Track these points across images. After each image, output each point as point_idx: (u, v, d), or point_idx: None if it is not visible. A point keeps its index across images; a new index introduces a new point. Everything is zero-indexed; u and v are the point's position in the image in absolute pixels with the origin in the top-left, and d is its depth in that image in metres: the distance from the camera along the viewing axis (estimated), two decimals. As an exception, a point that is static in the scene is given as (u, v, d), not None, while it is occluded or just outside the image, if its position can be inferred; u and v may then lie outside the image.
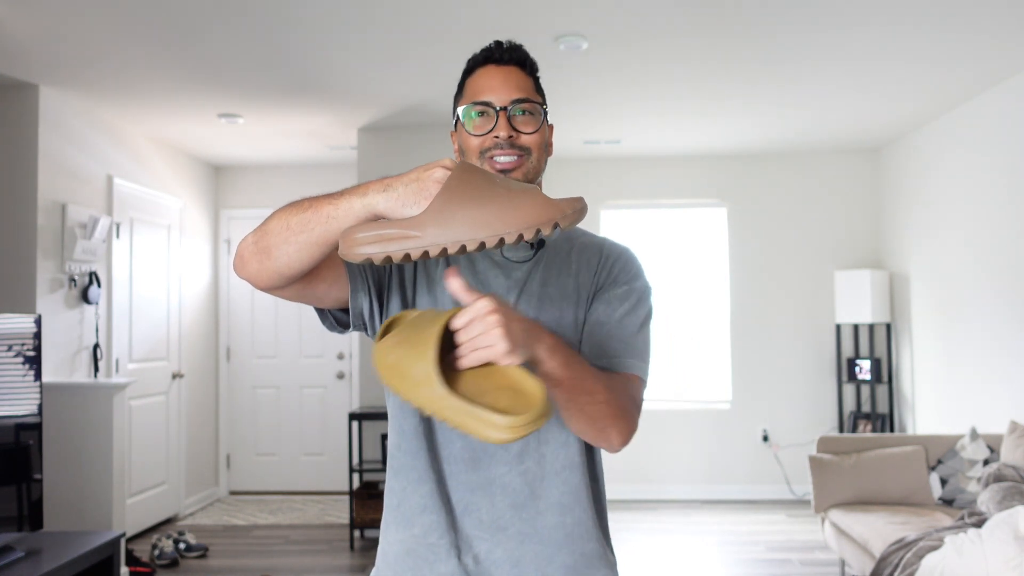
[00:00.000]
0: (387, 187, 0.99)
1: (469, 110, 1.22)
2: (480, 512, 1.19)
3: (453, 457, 1.20)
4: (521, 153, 1.21)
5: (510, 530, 1.18)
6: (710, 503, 5.81)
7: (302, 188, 6.70)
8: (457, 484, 1.19)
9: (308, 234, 1.03)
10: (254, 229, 1.09)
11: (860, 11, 3.25)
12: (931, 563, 2.91)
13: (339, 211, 1.01)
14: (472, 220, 0.93)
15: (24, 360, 2.83)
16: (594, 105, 4.61)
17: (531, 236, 0.93)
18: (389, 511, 1.26)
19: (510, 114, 1.21)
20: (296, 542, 4.93)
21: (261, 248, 1.07)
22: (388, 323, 1.08)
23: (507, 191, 0.96)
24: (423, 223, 0.95)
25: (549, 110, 1.28)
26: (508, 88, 1.22)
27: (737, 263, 6.01)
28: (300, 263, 1.07)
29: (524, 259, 1.25)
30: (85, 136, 4.57)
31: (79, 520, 3.89)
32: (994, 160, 4.32)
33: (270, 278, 1.09)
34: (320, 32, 3.45)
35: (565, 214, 0.94)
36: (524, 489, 1.19)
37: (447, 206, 0.94)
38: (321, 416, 6.23)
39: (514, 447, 1.18)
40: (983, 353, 4.44)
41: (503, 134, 1.20)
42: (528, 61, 1.27)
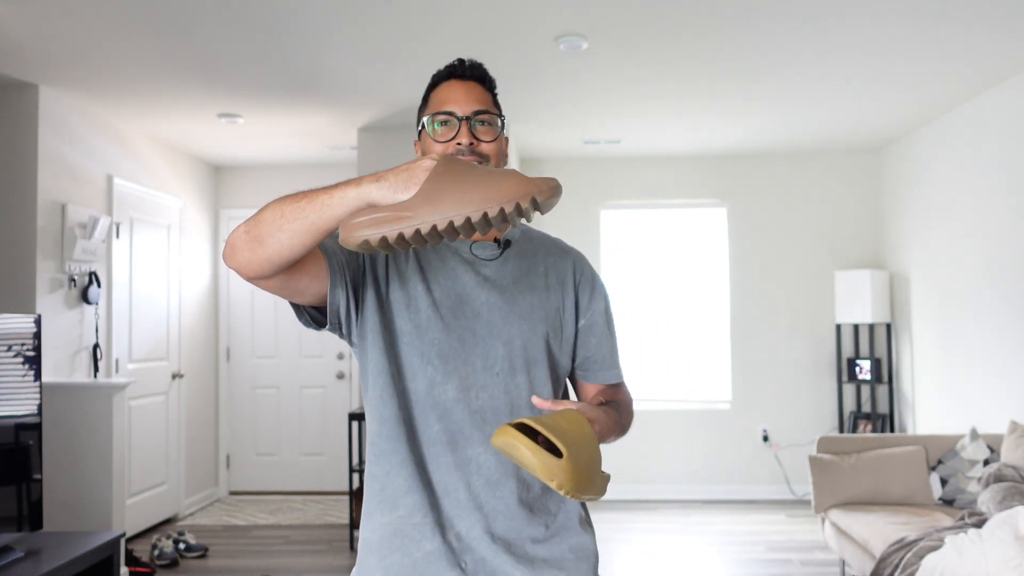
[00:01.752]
0: (379, 178, 1.07)
1: (433, 119, 1.34)
2: (459, 492, 1.28)
3: (432, 440, 1.29)
4: (480, 160, 1.32)
5: (485, 508, 1.28)
6: (710, 503, 5.81)
7: (302, 188, 6.73)
8: (437, 466, 1.29)
9: (302, 221, 1.09)
10: (246, 220, 1.14)
11: (860, 11, 3.25)
12: (931, 563, 2.91)
13: (334, 200, 1.07)
14: (458, 198, 1.02)
15: (24, 360, 2.82)
16: (594, 105, 4.61)
17: (511, 209, 1.02)
18: (371, 498, 1.33)
19: (471, 124, 1.33)
20: (296, 542, 4.93)
21: (253, 236, 1.12)
22: (527, 447, 1.12)
23: (487, 173, 1.06)
24: (414, 204, 1.03)
25: (506, 120, 1.40)
26: (470, 101, 1.34)
27: (737, 263, 6.01)
28: (291, 251, 1.12)
29: (492, 257, 1.37)
30: (85, 136, 4.57)
31: (79, 520, 3.89)
32: (994, 160, 4.32)
33: (259, 266, 1.14)
34: (320, 32, 3.44)
35: (541, 189, 1.04)
36: (498, 468, 1.29)
37: (435, 188, 1.04)
38: (321, 416, 6.23)
39: (488, 429, 1.30)
40: (983, 353, 4.44)
41: (465, 141, 1.31)
42: (488, 78, 1.40)
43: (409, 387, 1.30)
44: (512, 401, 1.31)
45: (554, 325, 1.37)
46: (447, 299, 1.32)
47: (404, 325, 1.31)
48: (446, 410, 1.29)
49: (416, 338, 1.30)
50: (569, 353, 1.41)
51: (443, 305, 1.31)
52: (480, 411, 1.29)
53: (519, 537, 1.29)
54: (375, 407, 1.32)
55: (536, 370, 1.34)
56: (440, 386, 1.29)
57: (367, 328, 1.32)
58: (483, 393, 1.30)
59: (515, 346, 1.32)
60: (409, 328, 1.31)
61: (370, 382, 1.33)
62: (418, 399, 1.30)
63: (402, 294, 1.32)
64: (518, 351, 1.32)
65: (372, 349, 1.32)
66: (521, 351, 1.32)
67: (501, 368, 1.31)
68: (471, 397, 1.29)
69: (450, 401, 1.29)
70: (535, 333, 1.34)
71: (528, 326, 1.34)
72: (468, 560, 1.27)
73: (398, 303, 1.32)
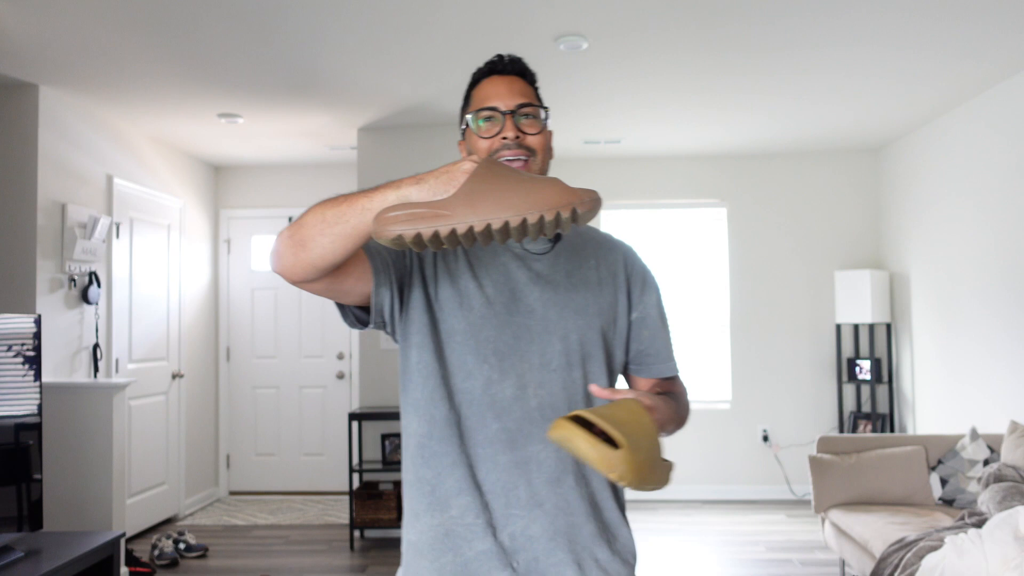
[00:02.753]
0: (420, 180, 1.07)
1: (477, 116, 1.33)
2: (518, 490, 1.26)
3: (488, 440, 1.27)
4: (528, 153, 1.30)
5: (547, 505, 1.26)
6: (710, 503, 5.81)
7: (302, 188, 6.69)
8: (493, 465, 1.27)
9: (343, 225, 1.09)
10: (289, 225, 1.15)
11: (860, 11, 3.25)
12: (931, 563, 2.91)
13: (373, 203, 1.07)
14: (497, 201, 1.01)
15: (24, 360, 2.82)
16: (594, 105, 4.61)
17: (551, 217, 1.00)
18: (420, 499, 1.30)
19: (515, 118, 1.31)
20: (296, 542, 4.93)
21: (296, 241, 1.12)
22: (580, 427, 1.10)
23: (529, 179, 1.05)
24: (452, 204, 1.02)
25: (550, 113, 1.38)
26: (512, 95, 1.33)
27: (737, 263, 6.01)
28: (334, 255, 1.12)
29: (543, 251, 1.35)
30: (85, 136, 4.57)
31: (79, 520, 3.89)
32: (994, 160, 4.31)
33: (304, 270, 1.14)
34: (320, 32, 3.44)
35: (582, 200, 1.02)
36: (558, 465, 1.27)
37: (475, 190, 1.03)
38: (321, 416, 6.23)
39: (547, 426, 1.26)
40: (983, 353, 4.44)
41: (510, 135, 1.30)
42: (529, 72, 1.39)
43: (463, 386, 1.28)
44: (570, 397, 1.30)
45: (608, 319, 1.36)
46: (500, 295, 1.30)
47: (457, 324, 1.29)
48: (504, 408, 1.27)
49: (470, 337, 1.28)
50: (623, 347, 1.39)
51: (497, 302, 1.30)
52: (539, 408, 1.28)
53: (579, 535, 1.28)
54: (423, 408, 1.30)
55: (592, 365, 1.33)
56: (497, 384, 1.27)
57: (412, 328, 1.31)
58: (541, 390, 1.28)
59: (571, 341, 1.31)
60: (463, 327, 1.29)
61: (416, 383, 1.31)
62: (473, 398, 1.28)
63: (453, 292, 1.30)
64: (574, 346, 1.31)
65: (418, 350, 1.30)
66: (578, 346, 1.31)
67: (558, 364, 1.30)
68: (528, 394, 1.28)
69: (507, 399, 1.27)
70: (591, 328, 1.33)
71: (584, 321, 1.32)
72: (520, 560, 1.26)
73: (450, 302, 1.30)
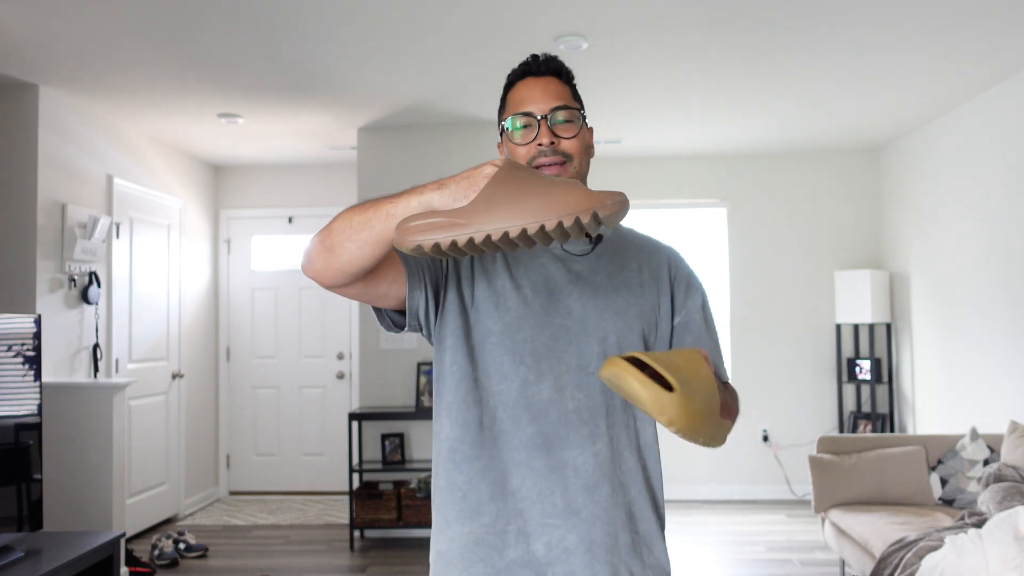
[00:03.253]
0: (441, 186, 1.05)
1: (513, 121, 1.30)
2: (554, 496, 1.22)
3: (523, 444, 1.23)
4: (564, 160, 1.29)
5: (583, 513, 1.22)
6: (710, 503, 5.81)
7: (302, 188, 6.68)
8: (528, 471, 1.23)
9: (369, 231, 1.08)
10: (320, 230, 1.15)
11: (860, 11, 3.25)
12: (931, 563, 2.91)
13: (398, 208, 1.06)
14: (514, 208, 0.98)
15: (24, 360, 2.82)
16: (594, 105, 4.61)
17: (570, 223, 0.97)
18: (450, 507, 1.26)
19: (551, 122, 1.28)
20: (296, 542, 4.93)
21: (326, 247, 1.12)
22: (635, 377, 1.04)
23: (549, 183, 1.02)
24: (468, 212, 1.01)
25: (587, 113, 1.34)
26: (547, 97, 1.30)
27: (737, 263, 6.01)
28: (362, 260, 1.11)
29: (583, 252, 1.32)
30: (85, 136, 4.57)
31: (79, 520, 3.89)
32: (994, 160, 4.31)
33: (335, 275, 1.14)
34: (320, 32, 3.44)
35: (604, 204, 0.98)
36: (596, 471, 1.23)
37: (492, 196, 1.01)
38: (321, 416, 6.23)
39: (585, 430, 1.24)
40: (983, 353, 4.44)
41: (546, 141, 1.27)
42: (564, 70, 1.34)
43: (498, 389, 1.25)
44: (608, 400, 1.26)
45: (650, 323, 1.32)
46: (538, 296, 1.27)
47: (493, 325, 1.26)
48: (540, 411, 1.23)
49: (507, 338, 1.25)
50: None
51: (534, 302, 1.27)
52: (576, 411, 1.24)
53: (616, 546, 1.24)
54: (456, 412, 1.27)
55: None
56: (534, 386, 1.24)
57: (447, 331, 1.28)
58: (579, 393, 1.25)
59: (610, 343, 1.27)
60: (499, 328, 1.26)
61: (449, 386, 1.28)
62: (509, 401, 1.24)
63: (489, 293, 1.28)
64: (613, 349, 1.27)
65: (452, 353, 1.28)
66: (616, 349, 1.27)
67: (597, 366, 1.26)
68: (566, 397, 1.24)
69: (544, 402, 1.24)
70: (631, 330, 1.29)
71: (624, 323, 1.29)
72: (555, 573, 1.21)
73: (486, 303, 1.27)
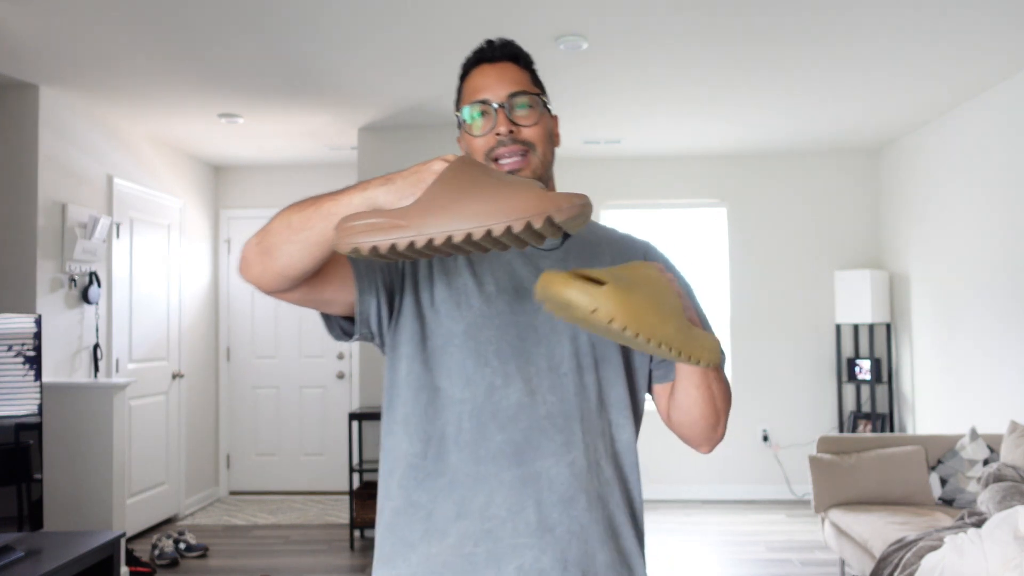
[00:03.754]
0: (388, 181, 0.98)
1: (468, 112, 1.21)
2: (526, 512, 1.11)
3: (492, 455, 1.12)
4: (525, 149, 1.20)
5: (558, 530, 1.12)
6: (710, 503, 5.81)
7: (302, 188, 6.70)
8: (498, 484, 1.12)
9: (309, 232, 1.00)
10: (257, 231, 1.06)
11: (859, 12, 3.25)
12: (931, 563, 2.91)
13: (339, 207, 0.98)
14: (460, 210, 0.90)
15: (24, 360, 2.83)
16: (594, 105, 4.61)
17: (520, 228, 0.88)
18: (413, 527, 1.15)
19: (508, 109, 1.20)
20: (296, 542, 4.93)
21: (264, 249, 1.04)
22: (563, 280, 0.95)
23: (500, 182, 0.93)
24: (412, 213, 0.92)
25: (551, 102, 1.27)
26: (503, 84, 1.21)
27: (737, 263, 6.01)
28: (302, 263, 1.03)
29: (552, 247, 1.23)
30: (85, 136, 4.57)
31: (79, 520, 3.89)
32: (994, 160, 4.31)
33: (274, 280, 1.06)
34: (320, 32, 3.45)
35: (560, 207, 0.88)
36: (572, 482, 1.13)
37: (436, 196, 0.92)
38: (321, 416, 6.23)
39: (559, 437, 1.14)
40: (983, 353, 4.44)
41: (503, 130, 1.18)
42: (521, 55, 1.26)
43: (462, 395, 1.14)
44: (582, 404, 1.16)
45: None
46: (503, 294, 1.18)
47: (455, 326, 1.16)
48: (509, 418, 1.13)
49: (469, 339, 1.15)
50: (646, 355, 1.24)
51: (498, 300, 1.17)
52: (549, 416, 1.13)
53: (593, 564, 1.13)
54: (416, 424, 1.16)
55: (607, 370, 1.19)
56: (501, 390, 1.14)
57: (402, 338, 1.19)
58: (551, 396, 1.14)
59: (581, 342, 1.17)
60: (460, 328, 1.16)
61: (405, 397, 1.18)
62: (475, 408, 1.14)
63: (450, 293, 1.18)
64: (585, 347, 1.17)
65: (408, 361, 1.18)
66: (588, 347, 1.18)
67: (569, 367, 1.16)
68: (537, 401, 1.14)
69: (513, 407, 1.13)
70: None
71: None
72: None
73: (446, 303, 1.17)
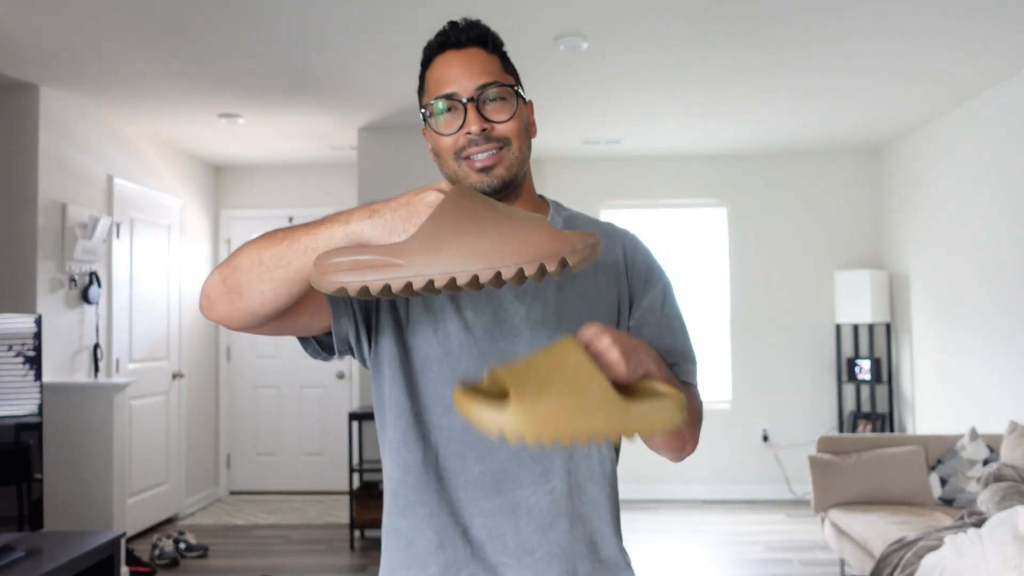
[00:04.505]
0: (373, 212, 0.89)
1: (434, 106, 1.10)
2: (505, 537, 1.10)
3: (471, 484, 1.11)
4: (500, 145, 1.09)
5: (538, 553, 1.10)
6: (710, 503, 5.81)
7: (302, 188, 6.68)
8: (477, 511, 1.10)
9: (284, 269, 0.92)
10: (220, 265, 0.98)
11: (859, 12, 3.25)
12: (931, 563, 2.91)
13: (319, 241, 0.90)
14: (465, 249, 0.82)
15: (24, 360, 2.83)
16: (594, 105, 4.61)
17: (532, 271, 0.82)
18: (395, 553, 1.14)
19: (479, 103, 1.08)
20: (296, 542, 4.93)
21: (231, 287, 0.96)
22: (475, 392, 0.87)
23: (508, 218, 0.85)
24: (408, 250, 0.84)
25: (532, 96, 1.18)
26: (472, 74, 1.09)
27: (737, 263, 6.01)
28: (276, 301, 0.96)
29: None
30: (85, 136, 4.57)
31: (79, 520, 3.89)
32: (994, 160, 4.32)
33: (243, 319, 0.98)
34: (320, 32, 3.45)
35: (575, 248, 0.83)
36: (551, 509, 1.11)
37: (437, 232, 0.84)
38: (321, 416, 6.23)
39: (537, 468, 1.10)
40: (983, 353, 4.44)
41: (475, 128, 1.07)
42: (490, 36, 1.14)
43: (439, 423, 1.11)
44: None
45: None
46: (480, 317, 1.11)
47: (431, 352, 1.11)
48: (487, 449, 1.10)
49: (447, 367, 1.10)
50: None
51: (476, 325, 1.11)
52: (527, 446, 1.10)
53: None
54: (396, 451, 1.13)
55: None
56: None
57: (383, 359, 1.14)
58: None
59: None
60: (438, 355, 1.11)
61: (388, 421, 1.15)
62: (452, 437, 1.10)
63: (427, 317, 1.12)
64: None
65: (389, 385, 1.14)
66: None
67: None
68: None
69: (491, 438, 1.11)
70: None
71: None
72: None
73: (423, 326, 1.12)
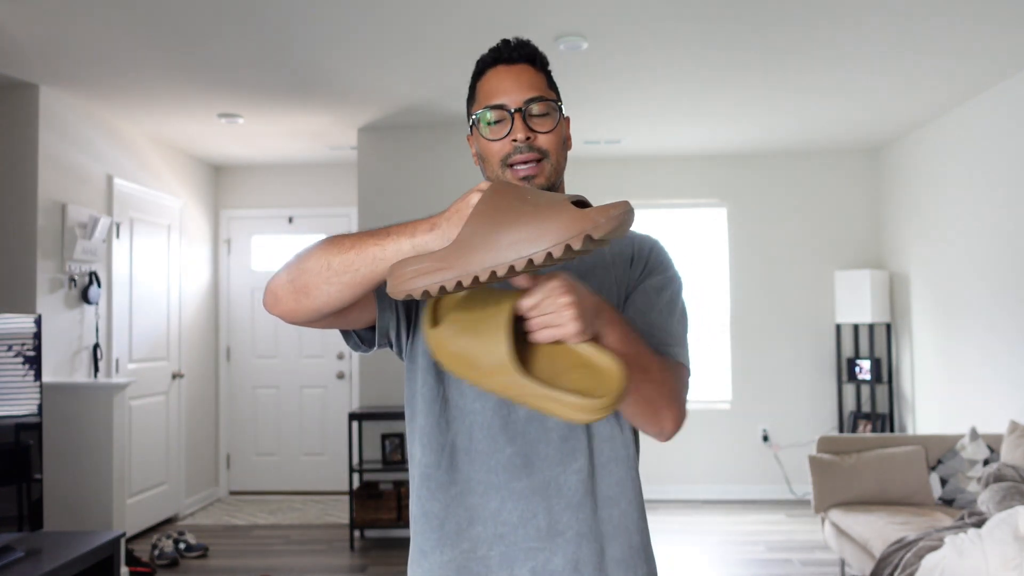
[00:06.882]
0: (433, 226, 0.98)
1: (484, 114, 1.21)
2: (537, 519, 1.16)
3: (501, 466, 1.17)
4: (540, 156, 1.20)
5: (568, 533, 1.16)
6: (710, 503, 5.81)
7: (302, 188, 6.68)
8: (509, 493, 1.16)
9: (352, 275, 1.02)
10: (286, 265, 1.08)
11: (859, 12, 3.25)
12: (931, 563, 2.91)
13: (387, 252, 0.99)
14: (498, 244, 0.91)
15: (24, 360, 2.83)
16: (594, 105, 4.61)
17: (560, 253, 0.88)
18: (426, 536, 1.20)
19: (525, 114, 1.19)
20: (296, 542, 4.93)
21: (298, 288, 1.05)
22: (433, 305, 1.03)
23: (534, 208, 0.92)
24: (451, 253, 0.93)
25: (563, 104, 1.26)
26: (521, 88, 1.20)
27: (737, 263, 6.01)
28: (341, 302, 1.06)
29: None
30: (85, 136, 4.57)
31: (79, 520, 3.89)
32: (994, 160, 4.32)
33: (307, 315, 1.09)
34: (320, 32, 3.45)
35: (597, 224, 0.89)
36: (580, 488, 1.17)
37: (473, 232, 0.93)
38: (321, 416, 6.23)
39: (565, 447, 1.17)
40: (983, 353, 4.44)
41: (521, 136, 1.18)
42: (538, 56, 1.25)
43: (472, 408, 1.19)
44: None
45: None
46: None
47: None
48: (518, 431, 1.17)
49: None
50: None
51: None
52: (556, 427, 1.17)
53: (603, 562, 1.18)
54: (430, 435, 1.20)
55: None
56: (510, 404, 1.17)
57: (418, 351, 1.22)
58: None
59: None
60: None
61: (420, 409, 1.22)
62: (485, 421, 1.18)
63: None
64: None
65: (424, 373, 1.22)
66: None
67: None
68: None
69: (522, 420, 1.17)
70: None
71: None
72: None
73: None
